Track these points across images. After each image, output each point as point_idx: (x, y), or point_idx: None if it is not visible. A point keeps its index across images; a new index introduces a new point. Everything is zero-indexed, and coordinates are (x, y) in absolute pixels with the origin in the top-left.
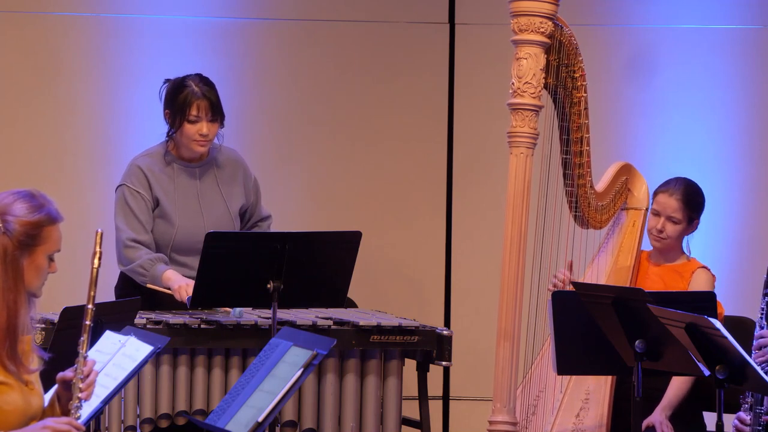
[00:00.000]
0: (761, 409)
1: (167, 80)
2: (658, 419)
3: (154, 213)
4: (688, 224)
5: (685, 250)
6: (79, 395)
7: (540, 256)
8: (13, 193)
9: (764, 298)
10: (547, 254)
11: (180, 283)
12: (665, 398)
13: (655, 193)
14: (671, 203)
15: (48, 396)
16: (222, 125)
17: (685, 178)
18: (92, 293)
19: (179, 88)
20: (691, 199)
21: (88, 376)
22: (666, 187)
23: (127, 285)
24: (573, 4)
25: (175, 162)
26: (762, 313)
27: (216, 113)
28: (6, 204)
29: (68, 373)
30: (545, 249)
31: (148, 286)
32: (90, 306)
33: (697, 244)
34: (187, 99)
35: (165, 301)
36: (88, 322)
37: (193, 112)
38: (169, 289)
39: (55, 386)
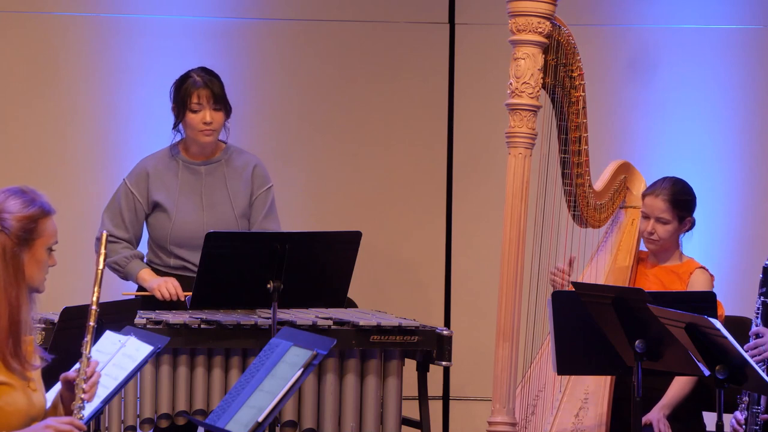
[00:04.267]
0: (758, 408)
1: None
2: (655, 417)
3: (154, 210)
4: (680, 223)
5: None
6: (82, 396)
7: (539, 255)
8: (3, 192)
9: (760, 298)
10: (546, 253)
11: (157, 282)
12: (665, 397)
13: (643, 196)
14: (658, 204)
15: (50, 396)
16: (228, 116)
17: (672, 178)
18: (97, 294)
19: (182, 80)
20: (677, 198)
21: (91, 376)
22: (652, 189)
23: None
24: (573, 4)
25: (181, 159)
26: (758, 313)
27: (219, 102)
28: None
29: (71, 374)
30: (544, 248)
31: (123, 294)
32: (94, 308)
33: (696, 244)
34: (188, 89)
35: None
36: (92, 323)
37: (194, 100)
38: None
39: (58, 386)
